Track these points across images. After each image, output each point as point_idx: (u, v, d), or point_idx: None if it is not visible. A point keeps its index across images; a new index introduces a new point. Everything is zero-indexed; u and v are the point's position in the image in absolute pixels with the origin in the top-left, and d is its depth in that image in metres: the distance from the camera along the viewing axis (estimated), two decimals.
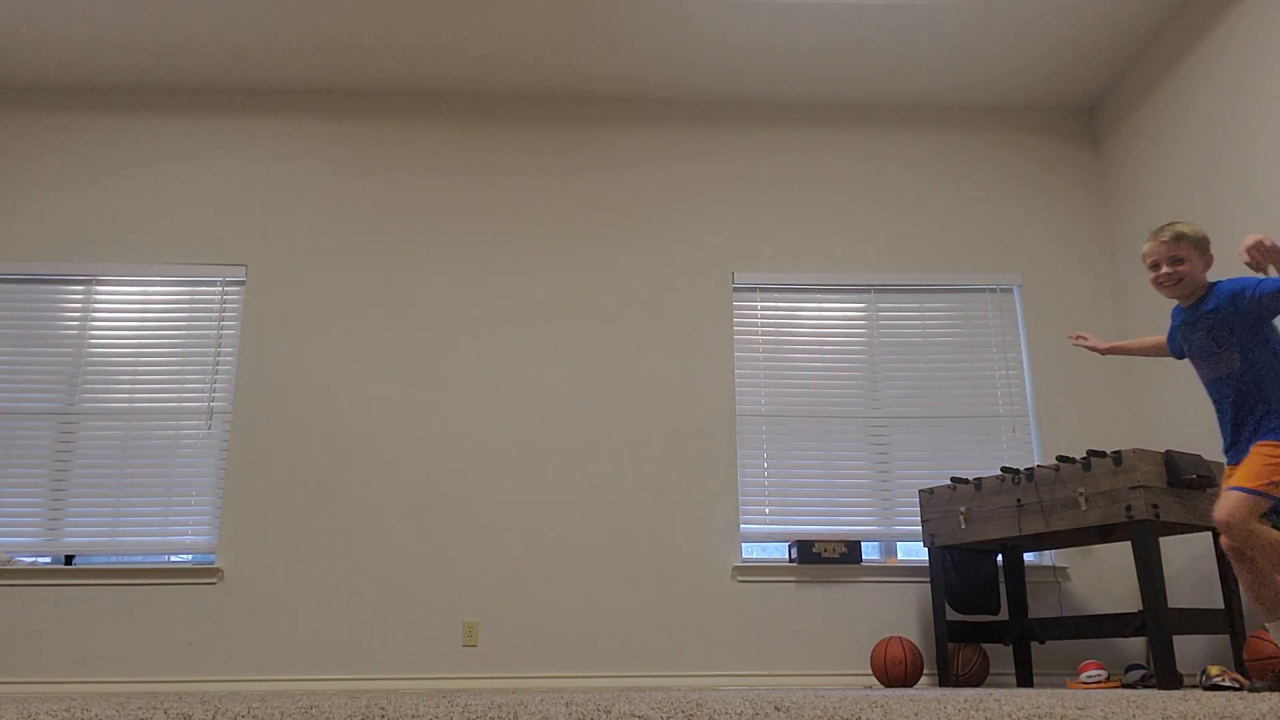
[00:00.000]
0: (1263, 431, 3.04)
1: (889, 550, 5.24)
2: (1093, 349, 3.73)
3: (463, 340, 5.33)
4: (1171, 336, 3.43)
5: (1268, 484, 2.96)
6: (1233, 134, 4.63)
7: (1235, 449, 3.14)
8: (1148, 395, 5.23)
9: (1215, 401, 3.23)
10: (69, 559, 4.99)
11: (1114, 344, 3.71)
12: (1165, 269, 3.21)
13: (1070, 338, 3.82)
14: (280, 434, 5.14)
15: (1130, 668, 4.26)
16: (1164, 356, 3.56)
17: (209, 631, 4.85)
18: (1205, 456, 4.69)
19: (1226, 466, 3.20)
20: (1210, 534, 4.41)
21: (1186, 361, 3.45)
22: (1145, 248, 3.29)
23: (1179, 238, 3.20)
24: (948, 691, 3.43)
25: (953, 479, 4.62)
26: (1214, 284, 3.23)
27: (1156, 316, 5.17)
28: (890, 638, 4.65)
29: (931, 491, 4.71)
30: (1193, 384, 4.84)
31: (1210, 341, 3.18)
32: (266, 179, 5.54)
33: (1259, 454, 3.00)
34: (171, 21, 5.09)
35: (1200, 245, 3.22)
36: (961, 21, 5.10)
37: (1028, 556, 5.12)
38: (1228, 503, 2.95)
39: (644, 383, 5.30)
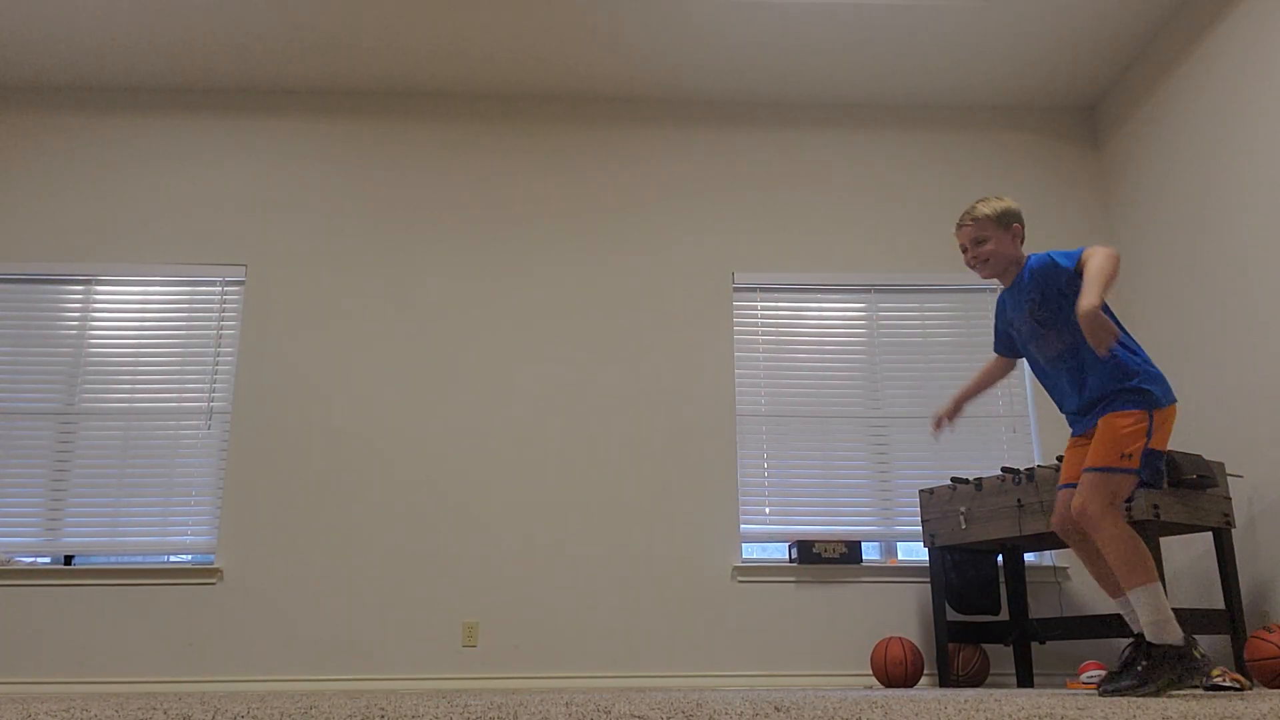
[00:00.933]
0: (1111, 404, 2.84)
1: (889, 550, 5.24)
2: (949, 418, 3.28)
3: (463, 340, 5.33)
4: (998, 338, 3.24)
5: (1120, 456, 2.77)
6: (1233, 134, 4.63)
7: (1081, 422, 2.97)
8: None
9: (1053, 384, 3.04)
10: (69, 559, 4.99)
11: (958, 399, 3.29)
12: (970, 253, 3.06)
13: (934, 433, 3.35)
14: (280, 434, 5.14)
15: None
16: (1009, 373, 3.30)
17: (209, 631, 4.85)
18: (1205, 456, 4.69)
19: (1070, 439, 3.05)
20: (1210, 534, 4.41)
21: (1188, 361, 3.43)
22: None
23: (978, 219, 3.03)
24: (948, 692, 3.42)
25: (953, 479, 4.61)
26: (1028, 257, 3.04)
27: (1157, 316, 5.17)
28: (890, 638, 4.65)
29: (932, 491, 4.71)
30: (1192, 384, 4.84)
31: (1034, 322, 3.00)
32: (266, 179, 5.54)
33: (1108, 427, 2.80)
34: (171, 21, 5.09)
35: (1003, 220, 3.03)
36: (961, 21, 5.10)
37: (1028, 556, 5.12)
38: (1083, 488, 2.77)
39: (644, 383, 5.30)
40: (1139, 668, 2.67)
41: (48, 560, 5.00)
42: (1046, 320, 2.98)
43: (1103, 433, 2.81)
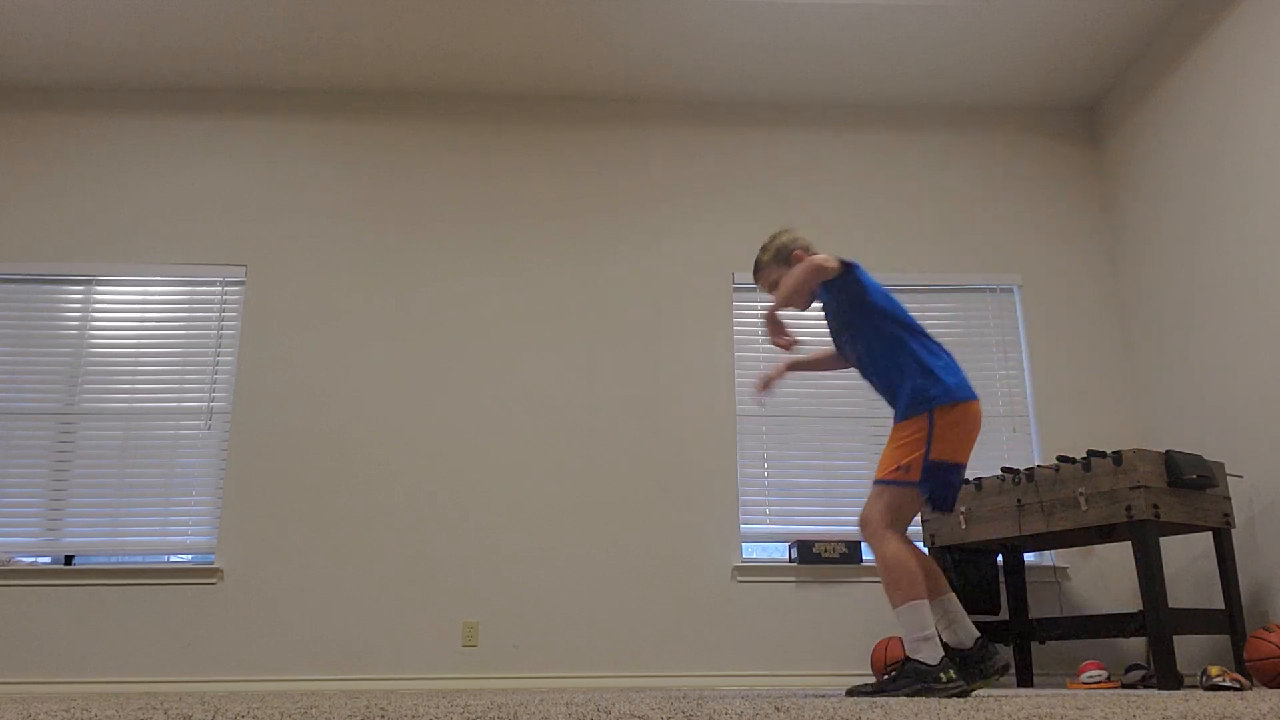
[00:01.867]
0: (899, 412, 2.81)
1: None
2: (772, 380, 3.16)
3: (462, 341, 5.33)
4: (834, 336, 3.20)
5: (896, 469, 2.72)
6: (1233, 133, 4.63)
7: None
8: (1148, 395, 5.23)
9: (871, 384, 3.00)
10: (69, 559, 4.99)
11: (787, 365, 3.19)
12: (772, 303, 2.95)
13: (757, 393, 3.16)
14: (280, 434, 5.14)
15: (1130, 668, 4.25)
16: (840, 367, 3.22)
17: (209, 631, 4.85)
18: (1205, 456, 4.69)
19: None
20: (1210, 534, 4.41)
21: (1189, 361, 3.42)
22: None
23: (759, 269, 3.07)
24: None
25: None
26: None
27: (1157, 316, 5.17)
28: (890, 637, 4.65)
29: None
30: (1192, 384, 4.84)
31: (832, 333, 3.03)
32: (266, 179, 5.54)
33: (891, 437, 2.79)
34: (171, 21, 5.09)
35: (778, 257, 3.02)
36: (961, 21, 5.10)
37: (1028, 556, 5.12)
38: (869, 498, 2.77)
39: (644, 382, 5.30)
40: (889, 674, 2.70)
41: (48, 560, 5.00)
42: (836, 330, 3.01)
43: (888, 442, 2.81)
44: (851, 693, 2.66)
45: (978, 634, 2.79)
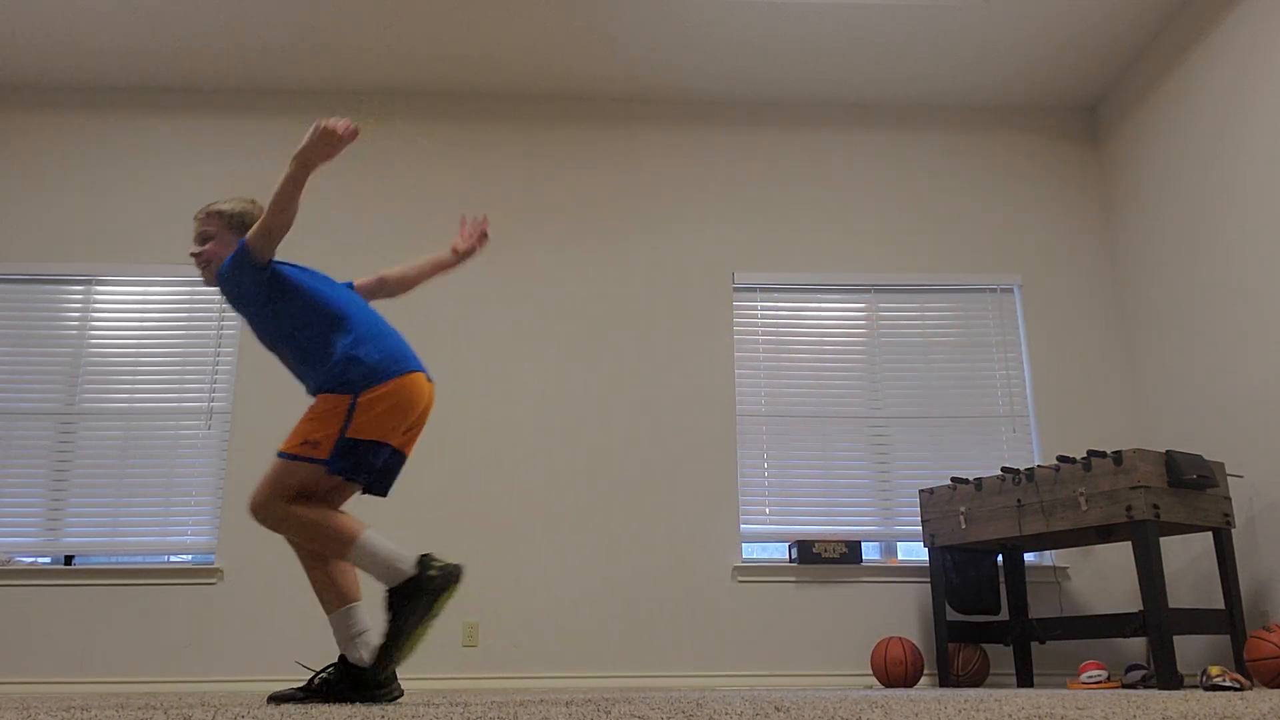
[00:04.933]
0: (318, 388, 2.59)
1: (889, 550, 5.24)
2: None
3: (462, 339, 5.33)
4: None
5: (303, 444, 2.48)
6: (1233, 133, 4.63)
7: None
8: (1148, 395, 5.23)
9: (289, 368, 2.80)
10: (69, 559, 4.99)
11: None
12: (193, 248, 2.77)
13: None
14: (280, 434, 5.14)
15: (1130, 668, 4.26)
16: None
17: (209, 631, 4.85)
18: (1205, 456, 4.69)
19: None
20: (1210, 534, 4.41)
21: (1189, 361, 3.41)
22: None
23: (210, 213, 2.77)
24: (948, 692, 3.43)
25: (953, 479, 4.61)
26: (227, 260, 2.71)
27: (1157, 316, 5.17)
28: (890, 638, 4.65)
29: (932, 491, 4.71)
30: (1192, 384, 4.84)
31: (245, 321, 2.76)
32: (267, 179, 5.54)
33: (306, 411, 2.55)
34: (172, 21, 5.09)
35: (235, 222, 2.76)
36: (962, 21, 5.10)
37: (1028, 556, 5.12)
38: (262, 480, 2.52)
39: (644, 383, 5.30)
40: (324, 675, 2.48)
41: (48, 560, 5.00)
42: (241, 314, 2.75)
43: (303, 417, 2.56)
44: (275, 699, 2.38)
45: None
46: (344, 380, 2.53)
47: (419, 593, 2.39)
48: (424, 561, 2.43)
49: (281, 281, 2.66)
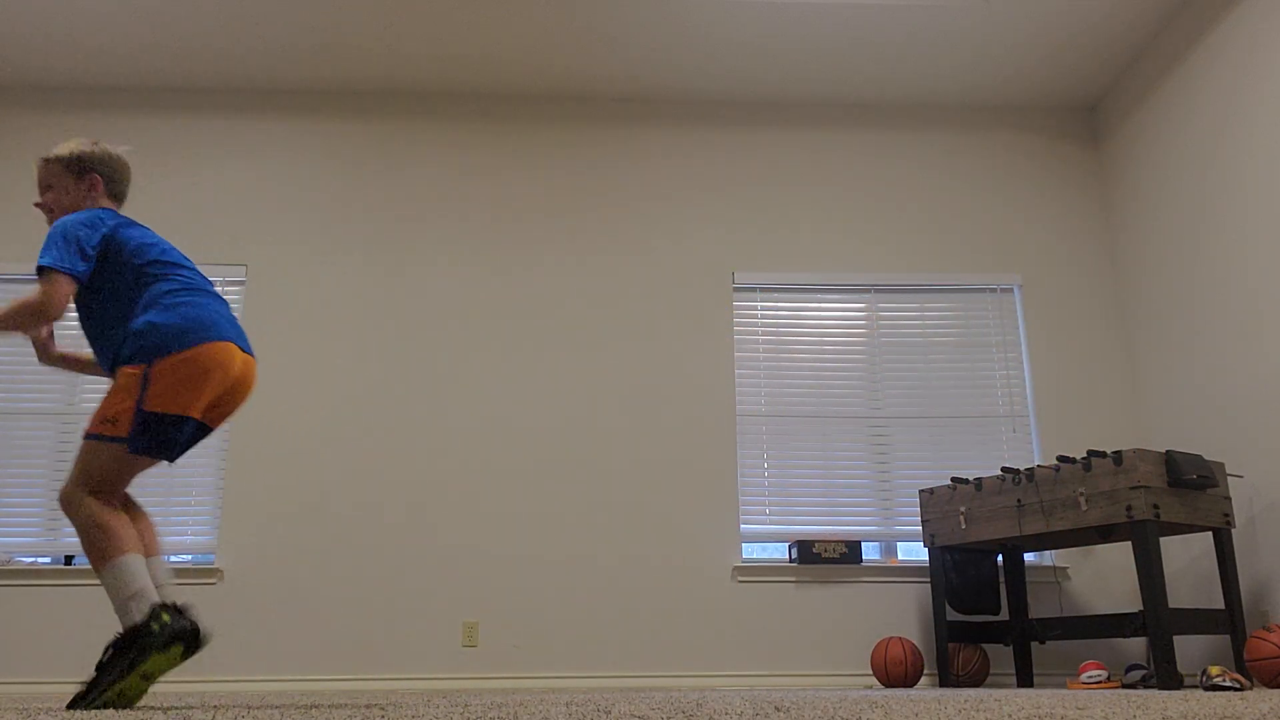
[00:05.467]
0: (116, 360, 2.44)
1: (889, 550, 5.24)
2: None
3: (462, 340, 5.33)
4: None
5: (101, 421, 2.33)
6: (1233, 133, 4.63)
7: None
8: (1148, 395, 5.23)
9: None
10: (69, 559, 4.99)
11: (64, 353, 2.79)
12: (36, 200, 2.61)
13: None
14: (280, 434, 5.14)
15: (1130, 668, 4.26)
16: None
17: (209, 631, 4.84)
18: (1205, 456, 4.69)
19: None
20: (1210, 534, 4.41)
21: (1189, 361, 3.40)
22: None
23: (48, 161, 2.62)
24: (948, 692, 3.43)
25: (953, 479, 4.61)
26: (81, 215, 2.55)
27: (1157, 316, 5.17)
28: (890, 638, 4.65)
29: (932, 491, 4.71)
30: (1192, 384, 4.84)
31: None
32: (266, 179, 5.54)
33: (106, 392, 2.40)
34: (172, 21, 5.09)
35: (73, 166, 2.62)
36: (962, 21, 5.10)
37: (1028, 556, 5.12)
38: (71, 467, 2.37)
39: (644, 382, 5.30)
40: (103, 662, 2.20)
41: (48, 560, 5.00)
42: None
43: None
44: (75, 704, 2.12)
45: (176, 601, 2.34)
46: (139, 348, 2.38)
47: (131, 645, 2.15)
48: (155, 612, 2.17)
49: (109, 256, 2.49)
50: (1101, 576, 5.08)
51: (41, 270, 2.38)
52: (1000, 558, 4.90)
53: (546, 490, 5.12)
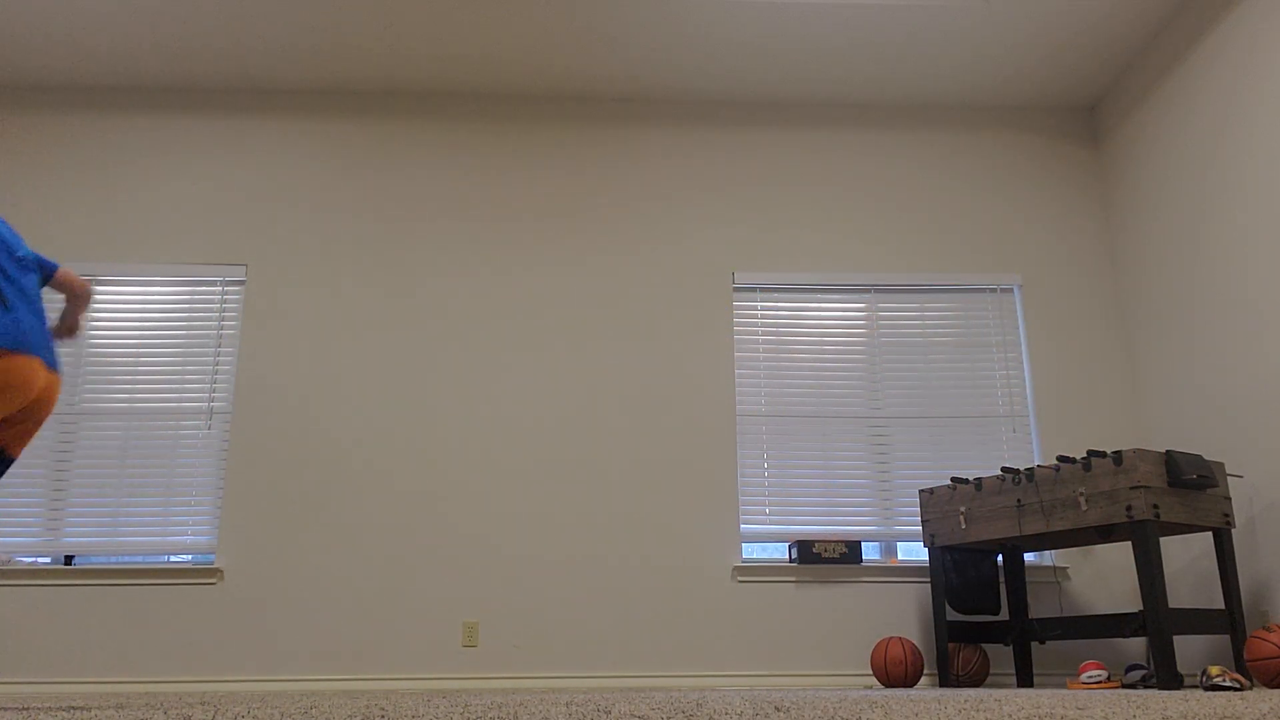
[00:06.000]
0: None
1: (889, 550, 5.24)
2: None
3: (462, 340, 5.33)
4: None
5: None
6: (1233, 133, 4.63)
7: None
8: (1148, 395, 5.23)
9: None
10: (69, 559, 4.99)
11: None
12: None
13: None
14: (280, 434, 5.14)
15: (1130, 668, 4.26)
16: None
17: (209, 631, 4.85)
18: (1205, 456, 4.69)
19: None
20: (1210, 534, 4.41)
21: (1189, 361, 3.40)
22: None
23: None
24: (948, 692, 3.43)
25: (953, 479, 4.62)
26: None
27: (1157, 316, 5.17)
28: (890, 638, 4.65)
29: (932, 491, 4.71)
30: (1192, 384, 4.84)
31: None
32: (266, 179, 5.54)
33: None
34: (171, 21, 5.09)
35: None
36: (962, 21, 5.10)
37: (1028, 556, 5.12)
38: None
39: (644, 382, 5.30)
40: None
41: (48, 560, 5.00)
42: None
43: None
44: None
45: None
46: None
47: None
48: None
49: None
50: (1101, 576, 5.08)
51: None
52: (1000, 558, 4.90)
53: (546, 490, 5.12)
